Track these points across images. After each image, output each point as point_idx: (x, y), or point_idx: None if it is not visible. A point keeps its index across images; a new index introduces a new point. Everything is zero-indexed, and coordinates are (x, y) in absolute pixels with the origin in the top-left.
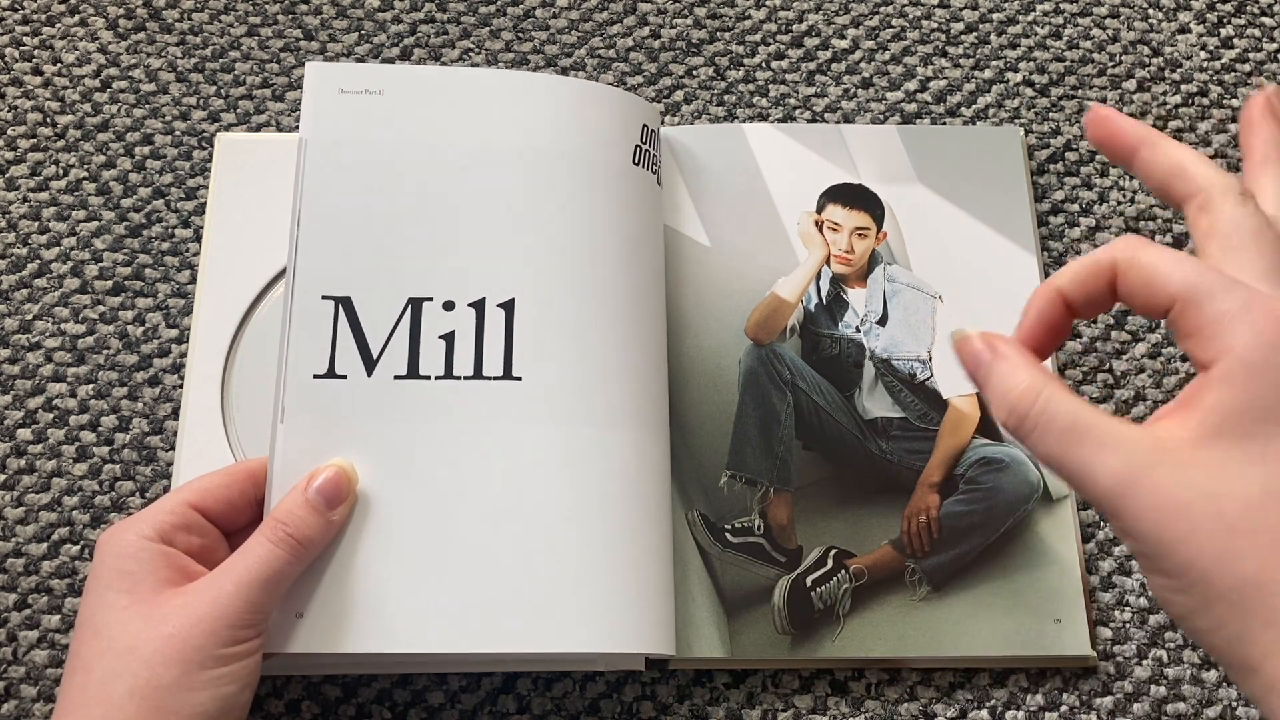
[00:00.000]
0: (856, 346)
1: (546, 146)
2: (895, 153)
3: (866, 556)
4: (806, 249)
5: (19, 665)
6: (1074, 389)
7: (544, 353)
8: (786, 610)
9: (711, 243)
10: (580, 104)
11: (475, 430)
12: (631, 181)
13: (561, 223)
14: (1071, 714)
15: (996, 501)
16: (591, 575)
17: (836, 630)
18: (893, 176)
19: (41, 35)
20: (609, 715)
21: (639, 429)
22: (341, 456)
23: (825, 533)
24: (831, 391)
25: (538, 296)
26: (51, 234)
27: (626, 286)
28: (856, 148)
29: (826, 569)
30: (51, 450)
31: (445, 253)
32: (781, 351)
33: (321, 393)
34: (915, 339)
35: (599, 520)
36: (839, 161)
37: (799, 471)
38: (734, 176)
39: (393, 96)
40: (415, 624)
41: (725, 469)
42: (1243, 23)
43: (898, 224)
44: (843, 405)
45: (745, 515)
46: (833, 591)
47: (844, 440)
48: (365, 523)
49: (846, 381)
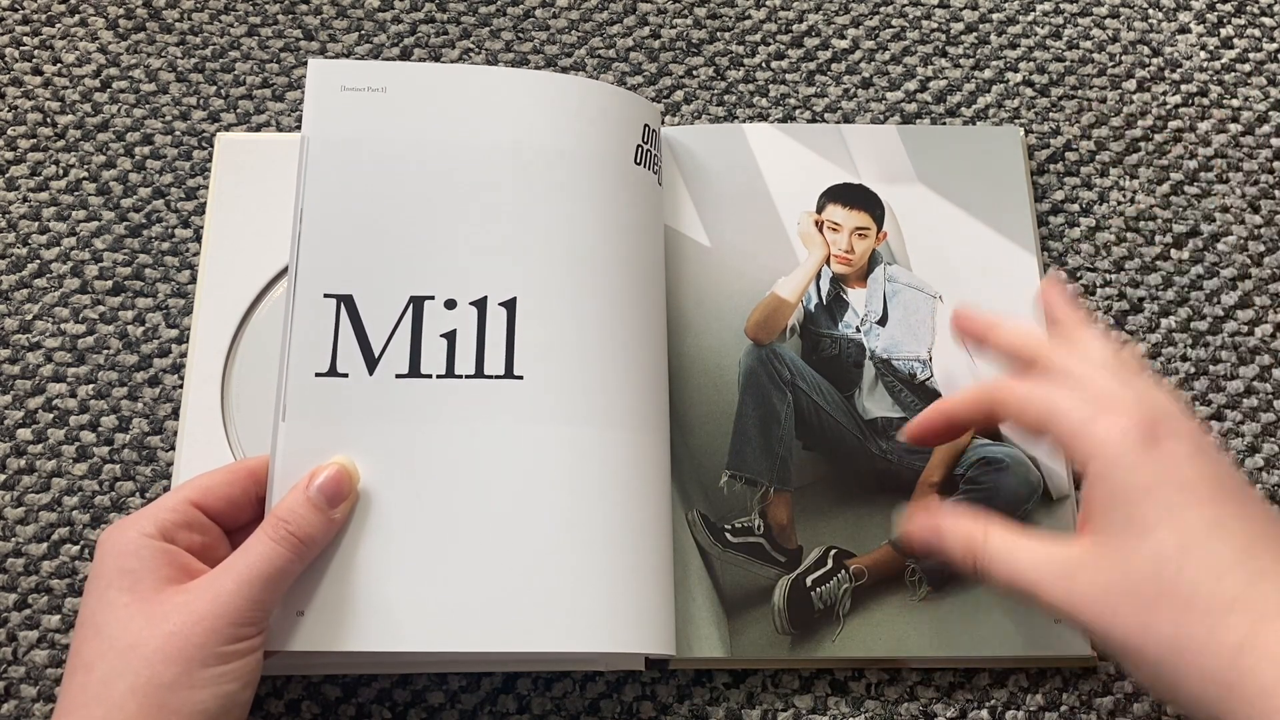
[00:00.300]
0: (856, 346)
1: (549, 145)
2: (895, 153)
3: (866, 556)
4: (806, 249)
5: (19, 665)
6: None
7: (546, 352)
8: (786, 610)
9: (711, 243)
10: (583, 103)
11: (476, 429)
12: (633, 181)
13: (564, 222)
14: (1071, 714)
15: (997, 501)
16: (591, 575)
17: (836, 630)
18: (893, 176)
19: (41, 35)
20: (609, 715)
21: (639, 429)
22: (343, 455)
23: (825, 533)
24: (831, 391)
25: (539, 295)
26: (51, 234)
27: (628, 286)
28: (856, 148)
29: (826, 569)
30: (51, 450)
31: (447, 251)
32: (781, 351)
33: (323, 391)
34: (915, 339)
35: (599, 520)
36: (839, 161)
37: (799, 471)
38: (734, 176)
39: (395, 94)
40: (416, 623)
41: (725, 469)
42: (1243, 23)
43: (898, 224)
44: (843, 405)
45: (745, 515)
46: (833, 591)
47: (844, 440)
48: (366, 521)
49: (846, 381)
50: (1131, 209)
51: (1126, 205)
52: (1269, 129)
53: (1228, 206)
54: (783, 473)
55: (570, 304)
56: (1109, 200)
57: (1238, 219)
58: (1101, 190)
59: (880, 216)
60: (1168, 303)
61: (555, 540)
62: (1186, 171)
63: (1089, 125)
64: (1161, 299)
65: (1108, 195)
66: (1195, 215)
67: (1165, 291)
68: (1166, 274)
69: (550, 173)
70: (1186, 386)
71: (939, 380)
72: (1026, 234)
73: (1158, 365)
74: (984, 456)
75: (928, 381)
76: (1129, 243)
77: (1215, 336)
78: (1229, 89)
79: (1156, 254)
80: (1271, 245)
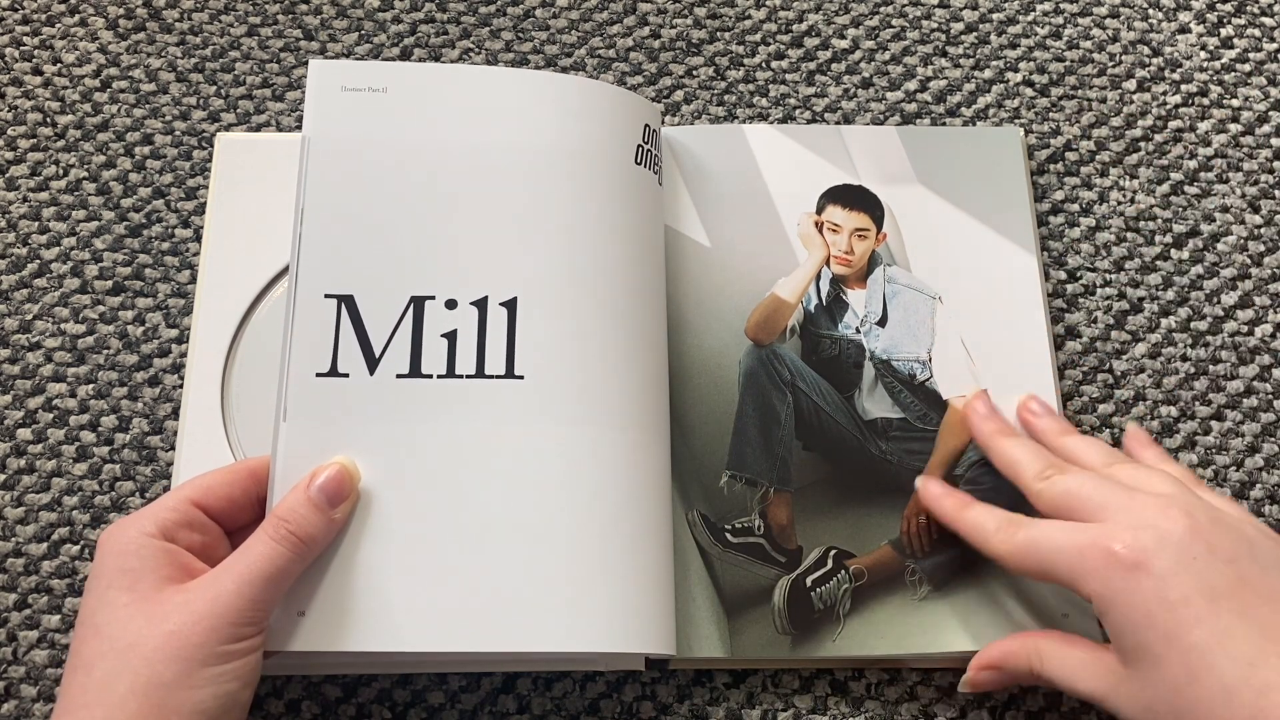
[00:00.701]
0: (856, 347)
1: (550, 145)
2: (895, 153)
3: (866, 557)
4: (806, 250)
5: (19, 665)
6: (1074, 390)
7: (547, 352)
8: (786, 610)
9: (711, 243)
10: (584, 103)
11: (477, 429)
12: (634, 181)
13: (564, 221)
14: (1072, 714)
15: (997, 501)
16: (591, 575)
17: (837, 630)
18: (892, 177)
19: (41, 35)
20: (609, 715)
21: (639, 429)
22: (343, 455)
23: (825, 533)
24: (831, 392)
25: (540, 295)
26: (51, 234)
27: (629, 286)
28: (856, 148)
29: (826, 569)
30: (51, 450)
31: (448, 251)
32: (781, 352)
33: (324, 391)
34: (915, 340)
35: (599, 519)
36: (839, 162)
37: (799, 472)
38: (734, 177)
39: (396, 94)
40: (416, 623)
41: (725, 469)
42: (1243, 23)
43: (897, 224)
44: (842, 406)
45: (745, 515)
46: (833, 591)
47: (844, 441)
48: (367, 521)
49: (846, 382)
50: (1131, 209)
51: (1126, 205)
52: (1269, 129)
53: (1228, 206)
54: (783, 473)
55: (571, 304)
56: (1109, 200)
57: (1238, 219)
58: (1101, 190)
59: (880, 217)
60: (1168, 303)
61: (555, 540)
62: (1186, 171)
63: (1089, 125)
64: (1161, 299)
65: (1108, 195)
66: (1195, 215)
67: (1165, 291)
68: (1166, 274)
69: (551, 173)
70: (1186, 386)
71: (938, 381)
72: (1026, 234)
73: (1158, 365)
74: (984, 457)
75: (927, 382)
76: (1129, 243)
77: (1215, 336)
78: (1229, 89)
79: (1156, 254)
80: (1271, 245)
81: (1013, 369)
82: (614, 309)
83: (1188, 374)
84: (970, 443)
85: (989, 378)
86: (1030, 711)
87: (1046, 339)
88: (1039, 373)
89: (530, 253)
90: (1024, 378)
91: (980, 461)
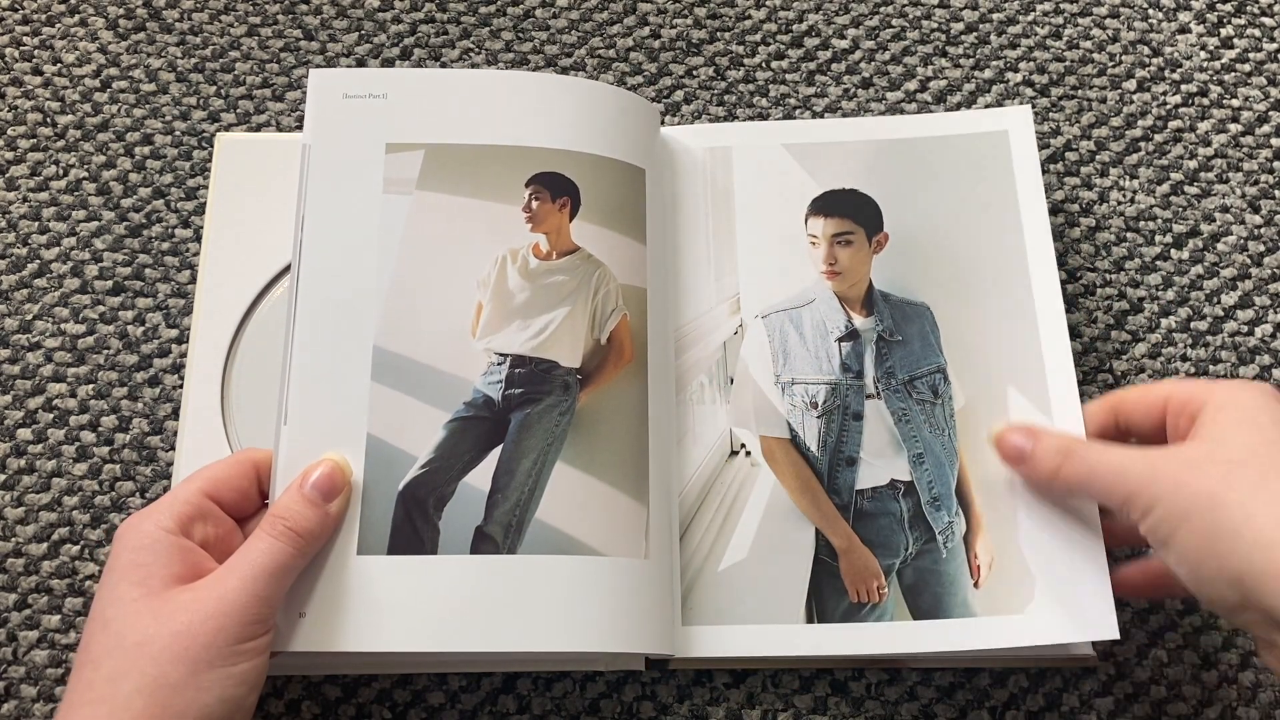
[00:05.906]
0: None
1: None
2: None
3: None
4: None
5: (19, 665)
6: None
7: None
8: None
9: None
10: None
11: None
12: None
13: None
14: (1072, 714)
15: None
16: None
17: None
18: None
19: (41, 35)
20: (609, 715)
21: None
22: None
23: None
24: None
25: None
26: (51, 234)
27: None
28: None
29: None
30: (51, 450)
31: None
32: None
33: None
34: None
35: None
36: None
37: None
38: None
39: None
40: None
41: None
42: (1243, 23)
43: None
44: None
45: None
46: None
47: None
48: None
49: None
50: (1131, 209)
51: (1126, 205)
52: (1269, 129)
53: (1228, 206)
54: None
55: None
56: (1109, 200)
57: (1238, 219)
58: (1101, 190)
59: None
60: (1168, 303)
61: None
62: (1186, 171)
63: (1089, 125)
64: (1161, 299)
65: (1108, 195)
66: (1195, 215)
67: (1165, 291)
68: (1166, 274)
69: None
70: None
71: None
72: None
73: (1158, 365)
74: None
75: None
76: (1129, 243)
77: (1215, 336)
78: (1229, 89)
79: (1156, 254)
80: (1271, 245)
81: (1013, 369)
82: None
83: (1188, 374)
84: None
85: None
86: (1030, 711)
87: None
88: (1038, 372)
89: None
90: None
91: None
